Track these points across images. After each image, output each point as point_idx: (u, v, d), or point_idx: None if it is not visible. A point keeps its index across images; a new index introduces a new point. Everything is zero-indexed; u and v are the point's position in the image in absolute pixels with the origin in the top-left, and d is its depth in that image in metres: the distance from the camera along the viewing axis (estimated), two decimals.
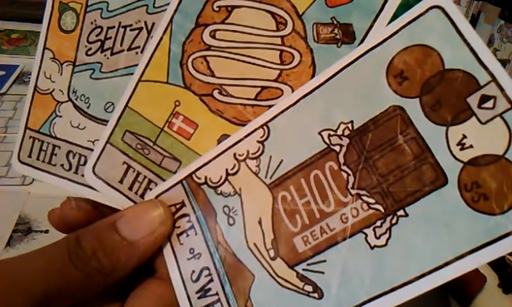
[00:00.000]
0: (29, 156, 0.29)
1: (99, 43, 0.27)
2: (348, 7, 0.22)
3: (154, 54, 0.25)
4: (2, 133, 0.65)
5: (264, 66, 0.24)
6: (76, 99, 0.28)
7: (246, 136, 0.23)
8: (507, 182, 0.17)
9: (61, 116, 0.29)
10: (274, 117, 0.22)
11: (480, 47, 0.18)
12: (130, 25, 0.27)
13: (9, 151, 0.62)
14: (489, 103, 0.18)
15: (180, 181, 0.24)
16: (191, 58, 0.25)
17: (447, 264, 0.18)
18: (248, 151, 0.23)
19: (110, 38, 0.27)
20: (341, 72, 0.21)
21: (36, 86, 0.29)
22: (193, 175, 0.24)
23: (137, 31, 0.26)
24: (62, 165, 0.28)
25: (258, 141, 0.22)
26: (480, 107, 0.18)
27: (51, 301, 0.22)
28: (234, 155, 0.23)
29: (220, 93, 0.24)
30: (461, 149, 0.18)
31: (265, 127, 0.22)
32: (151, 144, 0.25)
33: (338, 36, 0.22)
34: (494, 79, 0.18)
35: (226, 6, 0.24)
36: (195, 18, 0.24)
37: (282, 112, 0.22)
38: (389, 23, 0.21)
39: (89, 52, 0.28)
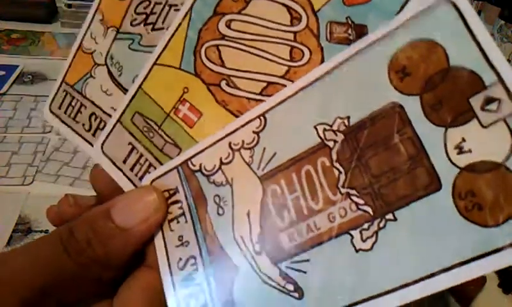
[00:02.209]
0: (59, 108, 0.30)
1: (144, 15, 0.28)
2: (365, 8, 0.21)
3: (171, 39, 0.25)
4: (2, 133, 0.65)
5: (273, 61, 0.23)
6: (111, 65, 0.29)
7: (242, 125, 0.22)
8: (504, 193, 0.16)
9: (94, 78, 0.29)
10: (272, 107, 0.22)
11: (489, 44, 0.17)
12: (176, 5, 0.27)
13: (9, 151, 0.61)
14: (493, 106, 0.16)
15: (176, 167, 0.24)
16: (204, 46, 0.25)
17: (432, 275, 0.16)
18: (243, 141, 0.22)
19: (155, 13, 0.28)
20: (343, 65, 0.20)
21: (81, 43, 0.30)
22: (189, 162, 0.24)
23: None
24: (83, 125, 0.29)
25: (254, 132, 0.22)
26: (484, 109, 0.17)
27: (46, 293, 0.21)
28: (229, 144, 0.22)
29: (227, 84, 0.24)
30: (459, 153, 0.17)
31: (262, 117, 0.22)
32: (156, 128, 0.25)
33: (351, 37, 0.21)
34: (501, 80, 0.16)
35: None
36: (214, 7, 0.24)
37: (280, 103, 0.21)
38: None
39: (134, 23, 0.28)
